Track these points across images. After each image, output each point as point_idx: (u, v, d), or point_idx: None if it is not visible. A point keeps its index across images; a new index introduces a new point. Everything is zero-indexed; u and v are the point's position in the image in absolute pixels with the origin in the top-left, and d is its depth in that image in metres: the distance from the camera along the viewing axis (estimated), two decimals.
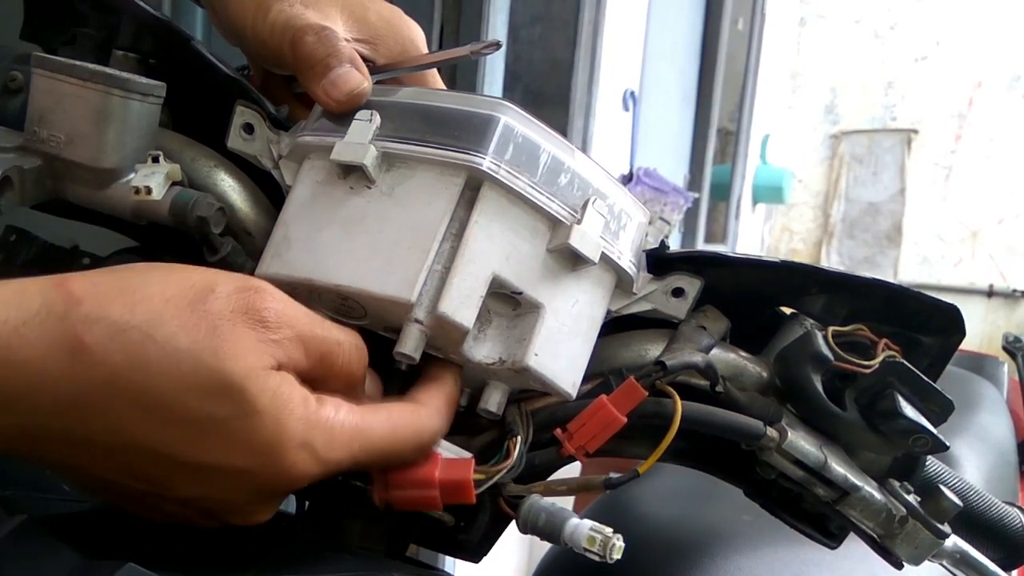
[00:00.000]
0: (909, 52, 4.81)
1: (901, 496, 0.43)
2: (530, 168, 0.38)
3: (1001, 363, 1.57)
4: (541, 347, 0.38)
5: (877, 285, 0.43)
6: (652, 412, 0.39)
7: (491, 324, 0.38)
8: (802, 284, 0.44)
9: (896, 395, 0.40)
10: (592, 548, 0.34)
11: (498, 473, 0.37)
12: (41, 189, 0.39)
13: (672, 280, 0.43)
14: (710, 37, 3.22)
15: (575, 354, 0.39)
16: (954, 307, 0.42)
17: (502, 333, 0.38)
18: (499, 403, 0.39)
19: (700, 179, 3.24)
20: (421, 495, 0.35)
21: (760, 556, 0.63)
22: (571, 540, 0.35)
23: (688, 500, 0.75)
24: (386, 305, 0.37)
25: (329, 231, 0.38)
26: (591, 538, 0.35)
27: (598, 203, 0.39)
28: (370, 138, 0.38)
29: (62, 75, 0.38)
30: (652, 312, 0.43)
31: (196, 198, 0.39)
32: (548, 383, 0.38)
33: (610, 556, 0.34)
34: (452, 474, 0.36)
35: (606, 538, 0.34)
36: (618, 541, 0.35)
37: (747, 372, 0.43)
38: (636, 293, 0.42)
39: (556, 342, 0.38)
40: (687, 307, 0.43)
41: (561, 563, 0.70)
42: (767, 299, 0.45)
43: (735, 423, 0.40)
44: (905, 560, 0.43)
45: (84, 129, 0.38)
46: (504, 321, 0.39)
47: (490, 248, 0.37)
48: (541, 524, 0.36)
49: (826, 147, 5.07)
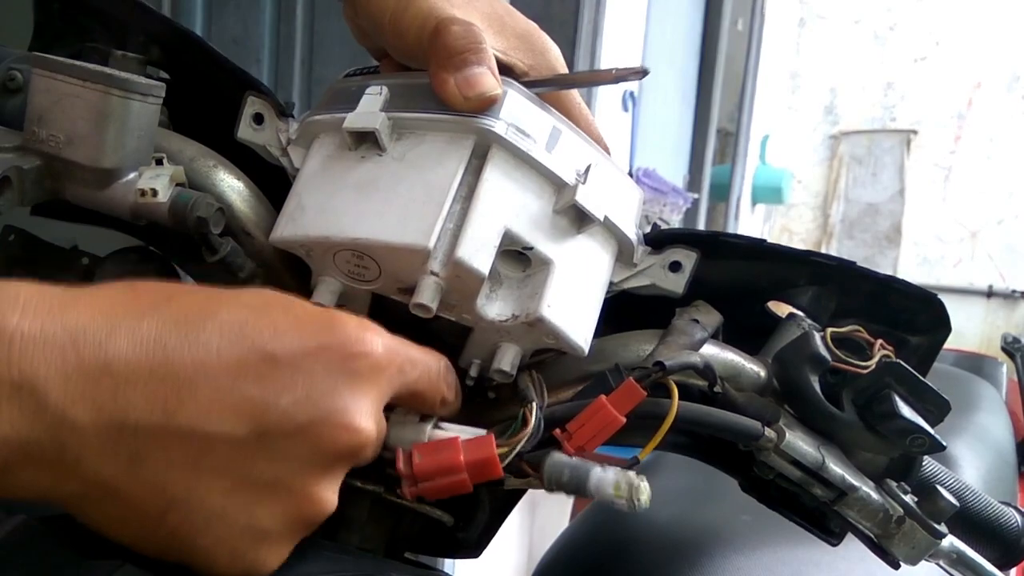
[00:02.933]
0: (909, 53, 4.81)
1: (898, 496, 0.43)
2: (534, 135, 0.39)
3: (1000, 364, 1.57)
4: (553, 299, 0.38)
5: (862, 276, 0.43)
6: (651, 412, 0.39)
7: (502, 285, 0.39)
8: (789, 277, 0.45)
9: (893, 395, 0.40)
10: (620, 495, 0.34)
11: (519, 442, 0.37)
12: (40, 189, 0.39)
13: (669, 254, 0.44)
14: (709, 37, 3.22)
15: (585, 310, 0.40)
16: (938, 301, 0.43)
17: (513, 292, 0.39)
18: (512, 363, 0.40)
19: (699, 180, 3.24)
20: (451, 481, 0.35)
21: (759, 556, 0.63)
22: (597, 490, 0.35)
23: (687, 500, 0.75)
24: (403, 256, 0.37)
25: (343, 194, 0.39)
26: (617, 484, 0.35)
27: (600, 167, 0.40)
28: (380, 107, 0.39)
29: (61, 75, 0.38)
30: (651, 288, 0.44)
31: (195, 199, 0.39)
32: (561, 335, 0.39)
33: (637, 501, 0.34)
34: (476, 454, 0.35)
35: (631, 484, 0.34)
36: (644, 484, 0.35)
37: (745, 372, 0.43)
38: (636, 264, 0.43)
39: (567, 296, 0.39)
40: (684, 281, 0.44)
41: (560, 562, 0.70)
42: (756, 292, 0.46)
43: (733, 423, 0.40)
44: (902, 560, 0.44)
45: (83, 129, 0.38)
46: (515, 282, 0.39)
47: (502, 202, 0.38)
48: (566, 479, 0.36)
49: (825, 148, 5.07)
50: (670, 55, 2.95)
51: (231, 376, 0.29)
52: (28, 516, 0.31)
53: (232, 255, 0.41)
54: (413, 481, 0.35)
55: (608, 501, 0.35)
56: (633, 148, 2.57)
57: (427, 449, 0.35)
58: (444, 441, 0.36)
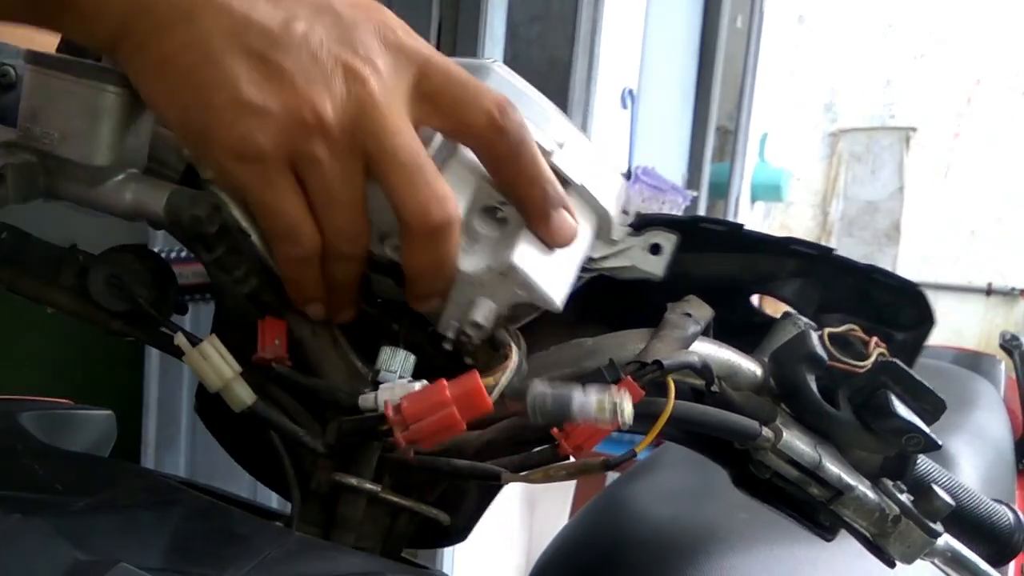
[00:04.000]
0: (908, 50, 4.81)
1: (894, 496, 0.43)
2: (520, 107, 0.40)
3: (998, 361, 1.57)
4: (525, 252, 0.39)
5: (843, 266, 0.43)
6: (648, 412, 0.39)
7: (479, 242, 0.40)
8: (772, 269, 0.45)
9: (889, 394, 0.40)
10: (603, 416, 0.35)
11: (503, 373, 0.37)
12: (34, 186, 0.39)
13: (649, 236, 0.44)
14: (709, 35, 3.21)
15: (558, 269, 0.41)
16: (921, 294, 0.43)
17: (489, 249, 0.40)
18: (485, 316, 0.40)
19: (698, 177, 3.24)
20: (441, 419, 0.35)
21: (756, 554, 0.63)
22: (581, 412, 0.35)
23: (684, 499, 0.75)
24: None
25: None
26: (600, 404, 0.35)
27: (580, 145, 0.42)
28: None
29: (55, 71, 0.38)
30: (632, 270, 0.44)
31: (191, 197, 0.39)
32: (533, 286, 0.39)
33: (623, 420, 0.34)
34: (462, 388, 0.36)
35: (614, 402, 0.35)
36: (627, 400, 0.35)
37: (741, 371, 0.43)
38: (616, 241, 0.44)
39: (540, 252, 0.40)
40: (664, 263, 0.44)
41: (558, 561, 0.70)
42: (739, 286, 0.46)
43: (731, 422, 0.40)
44: (898, 559, 0.44)
45: (78, 126, 0.38)
46: (491, 241, 0.40)
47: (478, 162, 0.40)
48: (550, 407, 0.36)
49: (825, 145, 5.06)
50: (669, 53, 2.95)
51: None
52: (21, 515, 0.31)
53: (228, 254, 0.41)
54: (404, 425, 0.35)
55: (593, 421, 0.35)
56: (632, 146, 2.56)
57: (414, 395, 0.36)
58: (429, 386, 0.36)
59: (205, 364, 0.38)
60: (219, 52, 0.34)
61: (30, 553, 0.30)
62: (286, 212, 0.37)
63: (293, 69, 0.35)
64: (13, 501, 0.34)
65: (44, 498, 0.35)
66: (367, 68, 0.36)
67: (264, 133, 0.35)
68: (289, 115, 0.35)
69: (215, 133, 0.35)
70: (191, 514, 0.37)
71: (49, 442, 0.45)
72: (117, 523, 0.34)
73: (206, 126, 0.35)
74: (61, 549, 0.30)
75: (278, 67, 0.35)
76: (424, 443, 0.36)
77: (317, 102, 0.35)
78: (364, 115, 0.36)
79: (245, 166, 0.36)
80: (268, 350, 0.40)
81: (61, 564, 0.29)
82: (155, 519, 0.36)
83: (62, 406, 0.52)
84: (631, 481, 0.82)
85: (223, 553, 0.35)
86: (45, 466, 0.39)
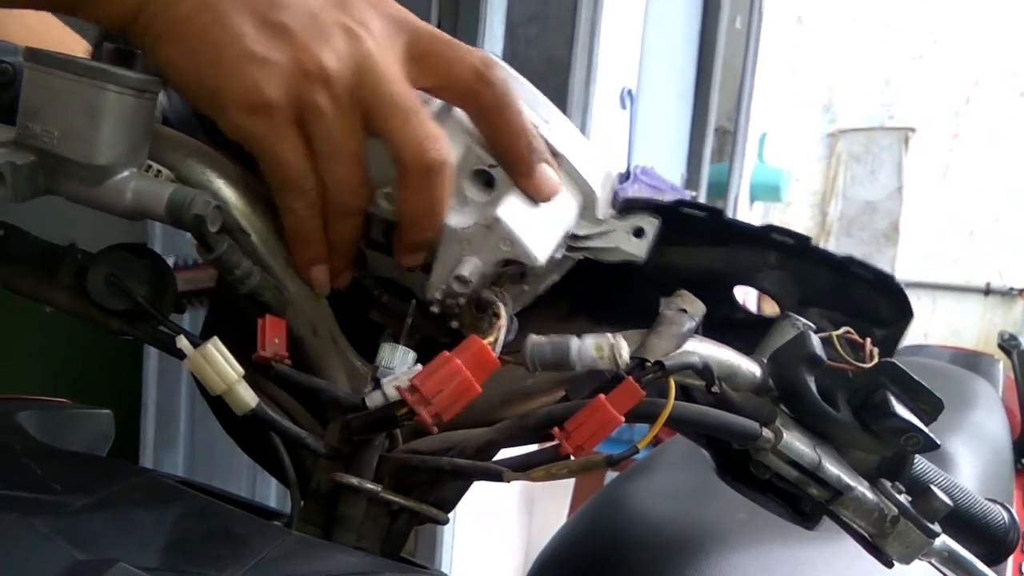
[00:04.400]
0: (906, 50, 4.81)
1: (893, 496, 0.43)
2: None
3: (997, 361, 1.57)
4: (510, 207, 0.41)
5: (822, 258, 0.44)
6: (649, 412, 0.39)
7: (468, 204, 0.42)
8: (753, 263, 0.46)
9: (888, 395, 0.40)
10: (602, 358, 0.36)
11: (499, 330, 0.39)
12: (33, 185, 0.39)
13: (633, 220, 0.45)
14: (708, 35, 3.22)
15: (543, 228, 0.42)
16: (898, 288, 0.44)
17: (477, 209, 0.42)
18: (471, 271, 0.42)
19: (697, 178, 3.24)
20: (458, 386, 0.36)
21: (754, 554, 0.63)
22: (580, 358, 0.37)
23: (683, 498, 0.75)
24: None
25: None
26: (599, 347, 0.36)
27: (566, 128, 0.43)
28: None
29: (55, 70, 0.37)
30: (615, 252, 0.45)
31: (193, 196, 0.39)
32: (517, 240, 0.41)
33: (620, 358, 0.36)
34: (468, 352, 0.37)
35: (611, 344, 0.36)
36: (623, 342, 0.36)
37: (740, 372, 0.43)
38: (600, 220, 0.45)
39: (525, 211, 0.42)
40: (647, 246, 0.45)
41: (557, 560, 0.70)
42: (721, 278, 0.47)
43: (731, 424, 0.40)
44: (896, 559, 0.44)
45: (78, 125, 0.38)
46: (480, 203, 0.42)
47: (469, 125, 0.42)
48: (549, 357, 0.37)
49: (823, 145, 5.07)
50: (668, 53, 2.95)
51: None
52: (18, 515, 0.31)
53: (229, 253, 0.41)
54: (425, 402, 0.36)
55: (592, 364, 0.36)
56: (631, 146, 2.56)
57: (424, 372, 0.37)
58: (434, 360, 0.37)
59: (208, 367, 0.38)
60: (227, 13, 0.38)
61: (28, 553, 0.30)
62: (292, 162, 0.40)
63: (295, 26, 0.38)
64: (11, 501, 0.34)
65: (42, 498, 0.35)
66: (362, 29, 0.39)
67: (271, 83, 0.38)
68: (294, 64, 0.38)
69: (226, 87, 0.38)
70: (189, 514, 0.37)
71: (47, 441, 0.45)
72: (115, 523, 0.34)
73: (218, 82, 0.38)
74: (59, 549, 0.30)
75: (281, 24, 0.38)
76: (446, 414, 0.37)
77: (319, 53, 0.38)
78: (363, 68, 0.39)
79: (255, 117, 0.38)
80: (268, 348, 0.40)
81: (59, 564, 0.29)
82: (153, 519, 0.36)
83: (60, 405, 0.52)
84: (630, 480, 0.82)
85: (221, 553, 0.35)
86: (43, 466, 0.39)
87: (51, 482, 0.37)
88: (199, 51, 0.38)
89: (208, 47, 0.38)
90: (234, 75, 0.38)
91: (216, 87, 0.38)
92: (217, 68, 0.38)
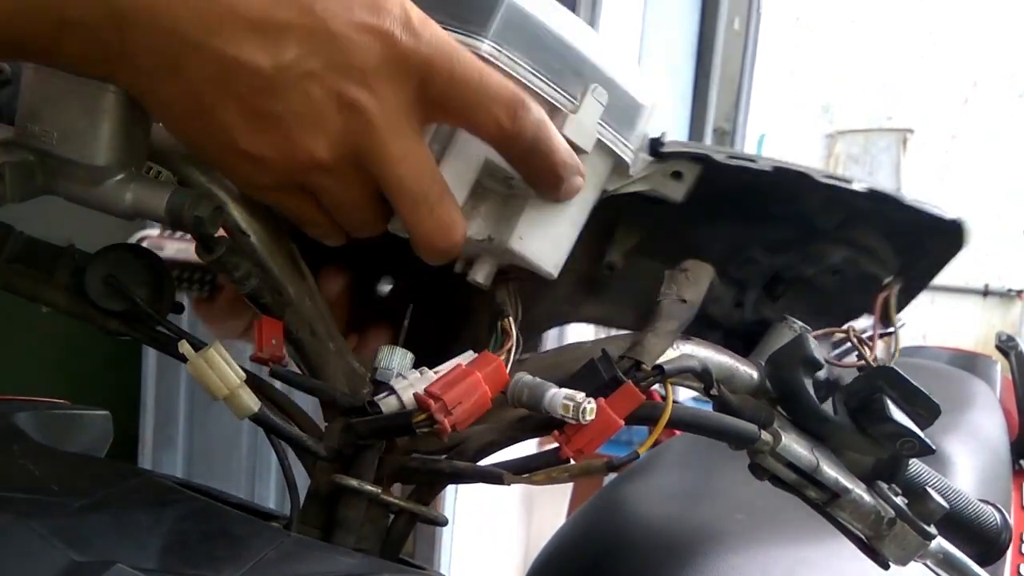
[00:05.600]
0: (905, 52, 4.82)
1: (890, 498, 0.43)
2: (533, 51, 0.38)
3: (994, 362, 1.57)
4: (525, 231, 0.41)
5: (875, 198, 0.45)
6: (648, 415, 0.39)
7: (485, 201, 0.41)
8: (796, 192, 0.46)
9: (885, 399, 0.40)
10: (567, 414, 0.36)
11: (511, 352, 0.40)
12: (32, 185, 0.39)
13: (673, 164, 0.44)
14: (706, 37, 3.22)
15: (560, 236, 0.42)
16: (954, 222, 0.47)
17: (494, 210, 0.41)
18: (487, 275, 0.42)
19: None
20: (477, 400, 0.37)
21: (753, 555, 0.63)
22: (549, 407, 0.37)
23: (682, 499, 0.75)
24: None
25: None
26: (565, 404, 0.37)
27: (598, 91, 0.40)
28: None
29: (56, 70, 0.37)
30: (650, 192, 0.44)
31: (192, 197, 0.39)
32: (531, 264, 0.41)
33: (583, 419, 0.36)
34: (486, 367, 0.38)
35: (578, 404, 0.36)
36: (589, 404, 0.36)
37: (738, 375, 0.43)
38: (632, 176, 0.44)
39: (541, 225, 0.41)
40: (684, 190, 0.45)
41: (556, 561, 0.70)
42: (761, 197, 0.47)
43: (730, 426, 0.41)
44: (892, 561, 0.44)
45: (78, 125, 0.37)
46: (498, 199, 0.41)
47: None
48: (525, 398, 0.38)
49: (822, 146, 5.08)
50: (666, 54, 2.95)
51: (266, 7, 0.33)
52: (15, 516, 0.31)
53: (228, 254, 0.41)
54: (446, 411, 0.36)
55: (559, 416, 0.37)
56: None
57: (445, 382, 0.37)
58: (449, 372, 0.38)
59: (210, 372, 0.38)
60: (210, 104, 0.34)
61: (25, 554, 0.30)
62: (301, 214, 0.40)
63: (285, 114, 0.35)
64: (9, 501, 0.34)
65: (40, 499, 0.35)
66: (364, 94, 0.35)
67: (264, 175, 0.37)
68: (286, 160, 0.36)
69: (220, 167, 0.38)
70: (187, 515, 0.37)
71: (45, 442, 0.45)
72: (113, 524, 0.34)
73: (211, 159, 0.38)
74: (56, 550, 0.30)
75: (270, 114, 0.35)
76: (461, 425, 0.37)
77: (311, 146, 0.35)
78: (365, 147, 0.36)
79: (254, 191, 0.39)
80: (265, 350, 0.40)
81: (57, 565, 0.29)
82: (151, 520, 0.36)
83: (58, 406, 0.52)
84: (628, 481, 0.82)
85: (219, 554, 0.35)
86: (41, 466, 0.39)
87: (49, 483, 0.37)
88: (187, 134, 0.37)
89: (194, 135, 0.36)
90: (226, 164, 0.37)
91: (209, 161, 0.38)
92: (206, 154, 0.37)
